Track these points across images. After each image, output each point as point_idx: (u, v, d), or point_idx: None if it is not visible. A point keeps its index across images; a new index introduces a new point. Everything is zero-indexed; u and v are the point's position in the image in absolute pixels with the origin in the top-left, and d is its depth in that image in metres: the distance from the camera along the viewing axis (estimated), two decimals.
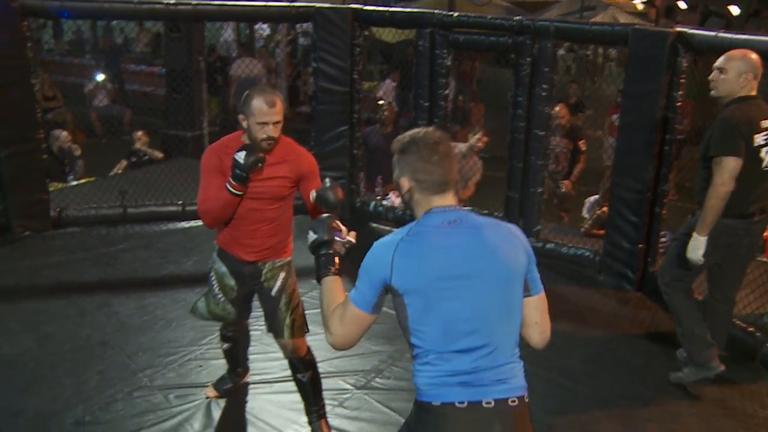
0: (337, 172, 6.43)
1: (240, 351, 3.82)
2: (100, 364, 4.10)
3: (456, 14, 5.93)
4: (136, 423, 3.59)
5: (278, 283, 3.35)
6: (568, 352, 4.41)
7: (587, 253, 5.59)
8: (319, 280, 2.33)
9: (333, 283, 2.29)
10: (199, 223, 6.18)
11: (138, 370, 4.04)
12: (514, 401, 2.10)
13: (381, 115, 7.22)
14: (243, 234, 3.29)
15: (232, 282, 3.40)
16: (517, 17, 5.68)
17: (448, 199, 2.17)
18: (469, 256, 2.09)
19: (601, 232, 5.77)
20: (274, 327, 3.39)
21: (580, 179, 7.26)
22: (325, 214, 2.52)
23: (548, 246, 5.72)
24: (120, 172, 8.23)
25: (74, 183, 7.70)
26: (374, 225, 6.56)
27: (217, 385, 3.86)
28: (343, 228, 2.45)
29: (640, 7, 17.57)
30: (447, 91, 6.01)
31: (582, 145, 7.09)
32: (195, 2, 6.18)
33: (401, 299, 2.09)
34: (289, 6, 6.61)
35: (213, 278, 3.45)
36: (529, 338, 2.29)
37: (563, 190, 7.03)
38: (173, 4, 6.12)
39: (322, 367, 3.65)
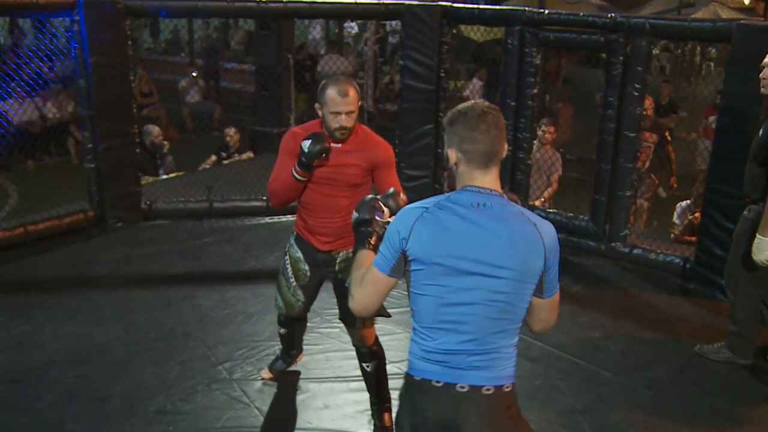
0: (421, 171, 6.40)
1: (296, 335, 3.88)
2: (182, 355, 4.19)
3: (547, 11, 5.79)
4: (215, 415, 3.65)
5: None
6: (654, 363, 4.26)
7: (677, 261, 5.35)
8: (354, 253, 2.39)
9: (365, 255, 2.32)
10: (283, 218, 6.37)
11: (218, 363, 4.11)
12: (489, 389, 2.11)
13: None
14: (317, 223, 3.35)
15: (305, 267, 3.45)
16: (611, 14, 5.49)
17: (489, 179, 2.14)
18: (483, 245, 2.07)
19: (693, 238, 5.54)
20: (345, 316, 3.39)
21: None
22: (369, 196, 2.58)
23: (636, 252, 5.52)
24: (208, 167, 8.44)
25: (164, 177, 7.94)
26: None
27: (272, 367, 3.96)
28: (385, 210, 2.52)
29: (747, 1, 16.76)
30: (535, 90, 5.88)
31: (668, 135, 6.81)
32: (286, 0, 6.26)
33: (409, 266, 2.12)
34: (378, 3, 6.60)
35: (287, 261, 3.51)
36: (531, 327, 2.26)
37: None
38: (264, 1, 6.21)
39: (398, 368, 3.62)
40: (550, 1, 11.83)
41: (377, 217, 2.46)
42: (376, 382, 3.49)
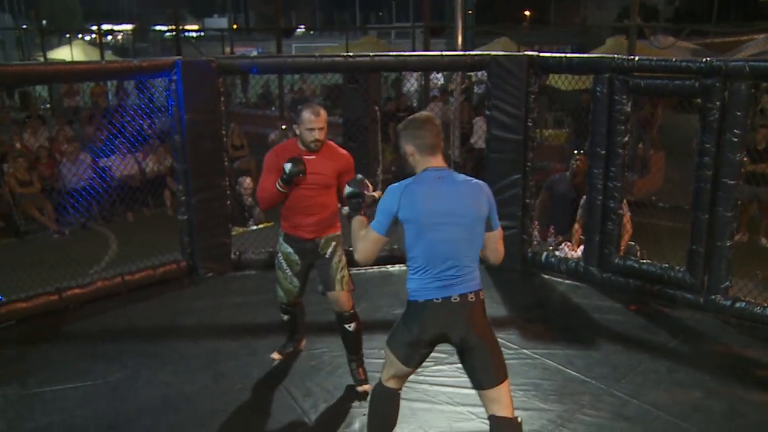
0: (509, 221, 6.32)
1: (298, 320, 4.81)
2: (268, 406, 4.22)
3: (637, 58, 5.68)
4: None
5: (331, 248, 4.30)
6: (763, 427, 4.01)
7: None
8: (349, 219, 3.33)
9: (359, 220, 3.30)
10: (370, 269, 6.41)
11: (303, 414, 4.12)
12: (472, 297, 3.09)
13: (573, 165, 6.98)
14: (302, 218, 4.21)
15: (296, 257, 4.32)
16: (706, 59, 5.35)
17: (438, 160, 3.14)
18: (449, 201, 3.05)
19: None
20: (328, 283, 4.29)
21: None
22: (359, 175, 3.49)
23: (738, 304, 5.27)
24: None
25: (254, 227, 8.12)
26: (546, 276, 6.36)
27: (280, 349, 4.80)
28: (370, 186, 3.46)
29: None
30: (626, 139, 5.76)
31: None
32: (373, 54, 6.40)
33: (403, 226, 3.07)
34: (463, 55, 6.67)
35: (281, 258, 4.37)
36: (487, 258, 3.23)
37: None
38: (352, 56, 6.38)
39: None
40: (639, 47, 11.62)
41: (365, 191, 3.39)
42: (354, 341, 4.37)
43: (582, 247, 6.27)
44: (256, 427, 4.01)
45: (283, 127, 12.96)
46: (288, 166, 4.01)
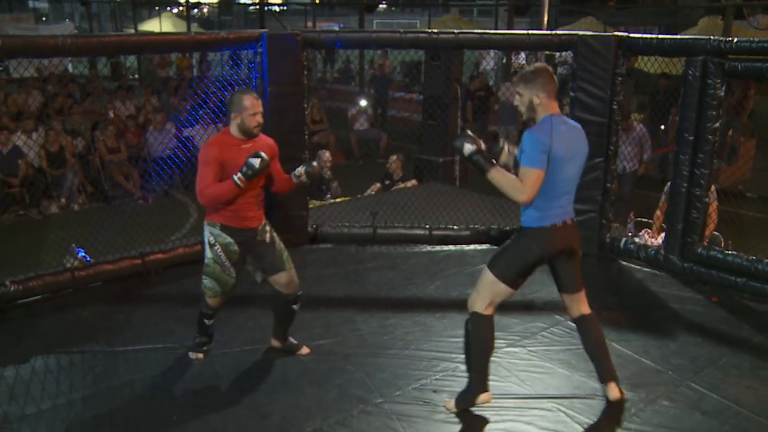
0: (589, 205, 6.19)
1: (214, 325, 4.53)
2: (339, 378, 4.27)
3: (735, 39, 5.40)
4: None
5: (268, 233, 4.28)
6: None
7: None
8: (485, 173, 3.56)
9: (498, 170, 3.57)
10: (446, 248, 6.40)
11: (374, 389, 4.15)
12: (573, 219, 3.72)
13: None
14: (249, 207, 4.13)
15: (235, 248, 4.17)
16: None
17: (558, 108, 3.63)
18: (577, 142, 3.64)
19: None
20: (276, 265, 4.27)
21: None
22: (465, 131, 3.74)
23: None
24: (373, 193, 8.63)
25: (331, 201, 8.20)
26: (623, 263, 6.21)
27: (202, 351, 4.55)
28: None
29: None
30: (716, 125, 5.53)
31: None
32: (457, 31, 6.32)
33: (550, 162, 3.49)
34: (550, 34, 6.52)
35: (218, 249, 4.16)
36: None
37: None
38: (436, 33, 6.33)
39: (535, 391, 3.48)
40: (735, 28, 11.06)
41: (481, 145, 3.60)
42: (292, 318, 4.46)
43: (663, 235, 6.09)
44: (327, 399, 4.05)
45: (363, 102, 13.01)
46: (256, 162, 3.91)
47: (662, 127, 9.53)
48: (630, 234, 6.52)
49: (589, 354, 3.95)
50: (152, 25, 25.00)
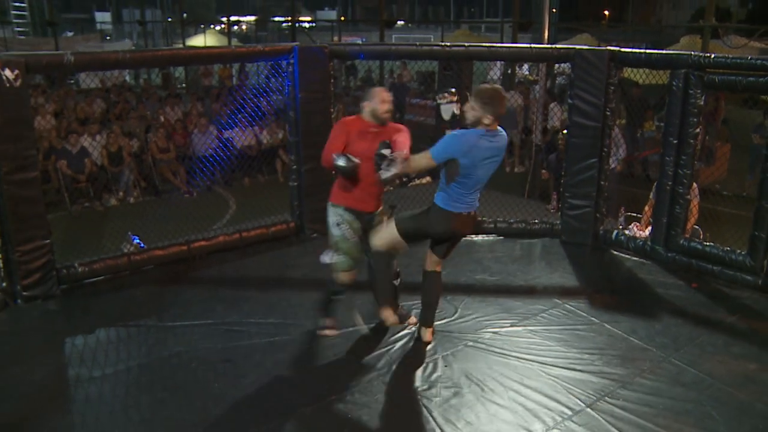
0: (584, 201, 6.21)
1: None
2: (362, 351, 4.31)
3: (713, 55, 5.39)
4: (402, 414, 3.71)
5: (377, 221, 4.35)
6: None
7: None
8: (407, 171, 3.96)
9: (409, 160, 3.88)
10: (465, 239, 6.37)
11: (388, 352, 4.18)
12: (476, 211, 4.01)
13: None
14: (365, 195, 4.22)
15: (357, 224, 4.27)
16: None
17: (496, 126, 3.82)
18: (491, 152, 3.81)
19: None
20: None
21: None
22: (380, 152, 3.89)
23: None
24: (392, 189, 8.64)
25: None
26: (615, 252, 6.20)
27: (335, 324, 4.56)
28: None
29: None
30: (697, 130, 5.51)
31: None
32: (467, 44, 6.33)
33: (458, 165, 3.77)
34: (550, 47, 6.51)
35: (345, 227, 4.25)
36: None
37: None
38: (449, 46, 6.35)
39: (555, 383, 3.48)
40: (712, 46, 10.96)
41: (389, 156, 3.84)
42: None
43: (650, 228, 6.07)
44: (350, 370, 4.10)
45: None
46: (342, 161, 4.03)
47: (639, 133, 9.49)
48: (620, 227, 6.50)
49: (424, 302, 4.31)
50: (198, 41, 25.20)
